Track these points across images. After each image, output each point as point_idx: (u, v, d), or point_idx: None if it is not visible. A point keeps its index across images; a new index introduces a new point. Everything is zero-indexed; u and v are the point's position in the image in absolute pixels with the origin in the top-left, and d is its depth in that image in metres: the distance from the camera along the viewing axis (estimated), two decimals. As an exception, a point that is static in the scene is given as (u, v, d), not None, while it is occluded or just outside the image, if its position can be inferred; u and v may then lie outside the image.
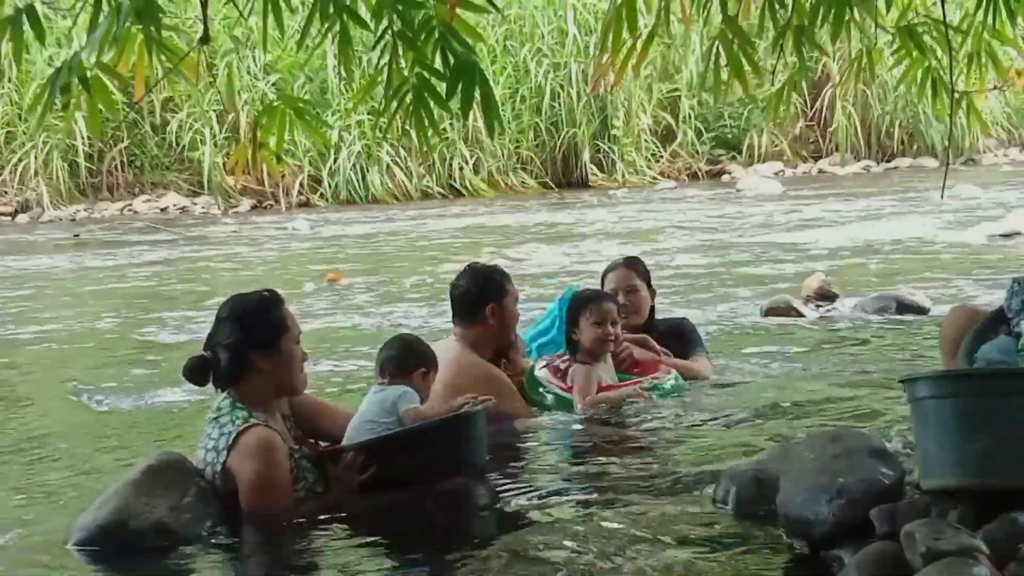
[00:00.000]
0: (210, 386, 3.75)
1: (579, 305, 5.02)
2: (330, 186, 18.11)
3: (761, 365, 5.66)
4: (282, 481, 3.57)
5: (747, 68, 3.77)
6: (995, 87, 4.68)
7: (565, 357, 5.08)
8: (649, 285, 5.44)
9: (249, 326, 3.68)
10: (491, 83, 3.18)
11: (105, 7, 3.17)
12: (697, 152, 20.04)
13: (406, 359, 4.01)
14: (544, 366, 4.99)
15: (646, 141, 19.64)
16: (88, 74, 3.11)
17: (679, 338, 5.38)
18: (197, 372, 3.71)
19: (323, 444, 3.91)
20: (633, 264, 5.46)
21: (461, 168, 18.59)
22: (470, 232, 13.62)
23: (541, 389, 4.91)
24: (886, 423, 4.26)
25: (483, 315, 4.66)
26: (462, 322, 4.72)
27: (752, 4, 4.16)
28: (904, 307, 7.00)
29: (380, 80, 3.18)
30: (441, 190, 18.47)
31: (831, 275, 7.92)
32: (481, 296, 4.69)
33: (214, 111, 18.00)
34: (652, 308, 5.44)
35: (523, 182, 19.09)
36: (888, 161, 20.49)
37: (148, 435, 4.96)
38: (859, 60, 4.34)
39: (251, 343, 3.66)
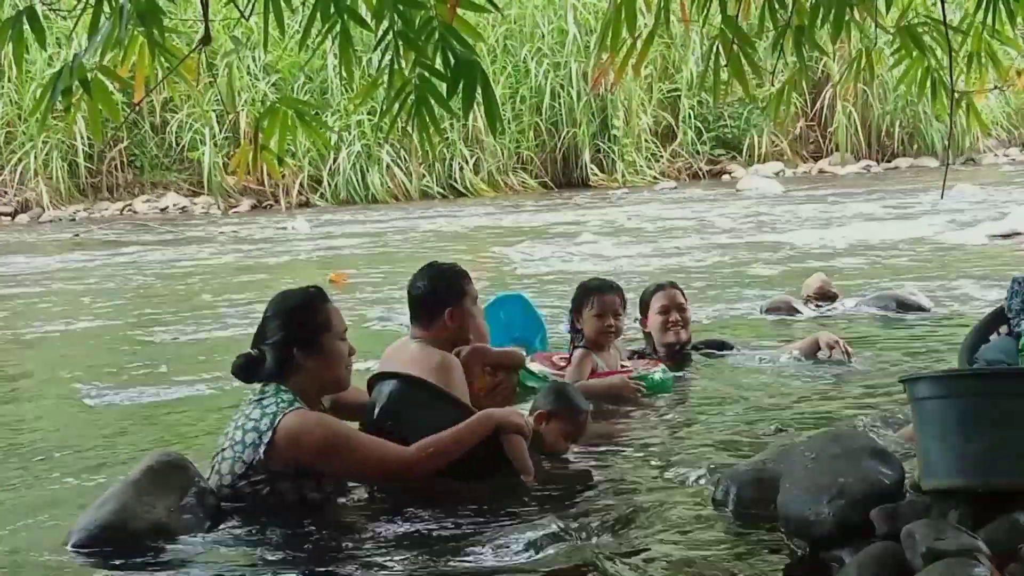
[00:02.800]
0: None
1: (583, 295, 5.11)
2: (330, 186, 18.12)
3: (760, 365, 5.65)
4: (350, 430, 3.65)
5: (747, 68, 3.77)
6: (995, 87, 4.68)
7: (564, 356, 5.13)
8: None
9: (293, 324, 3.72)
10: (491, 83, 3.18)
11: (106, 8, 3.17)
12: (697, 152, 20.05)
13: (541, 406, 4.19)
14: (539, 360, 5.06)
15: (646, 141, 19.64)
16: (89, 76, 3.10)
17: (719, 348, 5.86)
18: (244, 369, 3.75)
19: None
20: (677, 285, 5.82)
21: (461, 168, 18.59)
22: (470, 232, 13.63)
23: (536, 373, 4.97)
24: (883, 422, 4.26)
25: (442, 319, 4.51)
26: (419, 324, 4.58)
27: (752, 4, 4.16)
28: (904, 307, 7.00)
29: (382, 82, 3.18)
30: (441, 190, 18.47)
31: (831, 275, 7.92)
32: (440, 299, 4.57)
33: (214, 111, 18.00)
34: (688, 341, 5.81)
35: (523, 182, 19.09)
36: (888, 161, 20.49)
37: (148, 435, 4.95)
38: (859, 60, 4.33)
39: (295, 341, 3.70)
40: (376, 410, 3.93)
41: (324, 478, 3.65)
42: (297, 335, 3.70)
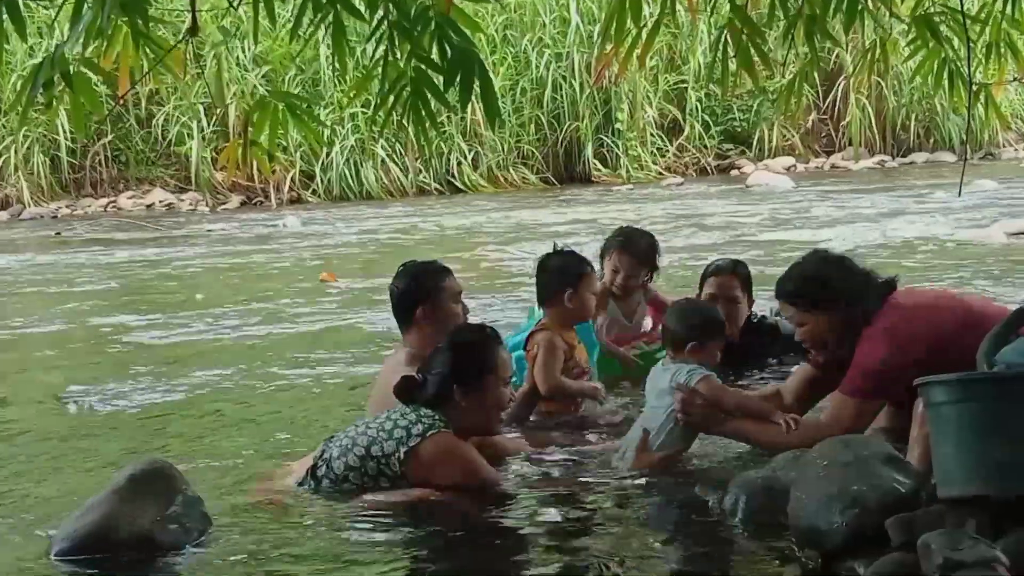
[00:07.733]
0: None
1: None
2: (322, 182, 17.92)
3: (767, 365, 5.53)
4: (473, 452, 3.83)
5: (756, 59, 3.75)
6: (1015, 79, 4.63)
7: None
8: (750, 294, 5.41)
9: (458, 361, 3.85)
10: (490, 74, 3.13)
11: (88, -2, 3.08)
12: (705, 146, 19.86)
13: (676, 331, 4.07)
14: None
15: (651, 135, 19.50)
16: (71, 69, 3.03)
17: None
18: (404, 391, 3.87)
19: None
20: (740, 270, 5.40)
21: (459, 163, 18.44)
22: (468, 230, 13.55)
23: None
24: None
25: (415, 317, 4.48)
26: (401, 328, 4.58)
27: (761, -8, 4.12)
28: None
29: (376, 73, 3.11)
30: (438, 186, 18.32)
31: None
32: (412, 297, 4.52)
33: (202, 104, 17.80)
34: (748, 318, 5.43)
35: (523, 177, 18.96)
36: (904, 156, 20.31)
37: (132, 440, 4.89)
38: (873, 51, 4.31)
39: (456, 377, 3.83)
40: None
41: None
42: (460, 371, 3.83)
